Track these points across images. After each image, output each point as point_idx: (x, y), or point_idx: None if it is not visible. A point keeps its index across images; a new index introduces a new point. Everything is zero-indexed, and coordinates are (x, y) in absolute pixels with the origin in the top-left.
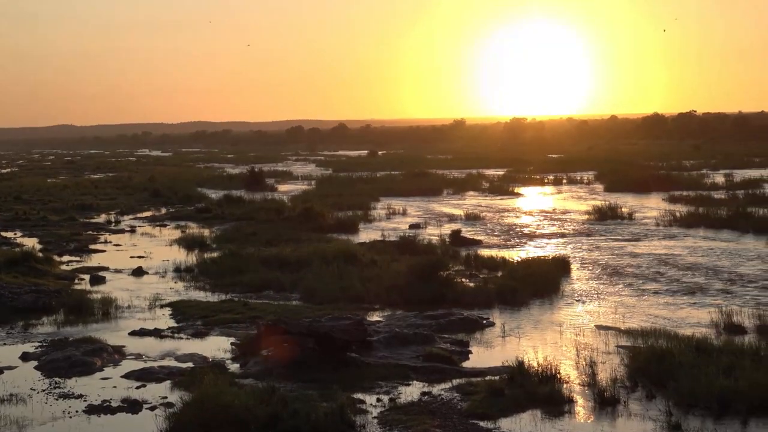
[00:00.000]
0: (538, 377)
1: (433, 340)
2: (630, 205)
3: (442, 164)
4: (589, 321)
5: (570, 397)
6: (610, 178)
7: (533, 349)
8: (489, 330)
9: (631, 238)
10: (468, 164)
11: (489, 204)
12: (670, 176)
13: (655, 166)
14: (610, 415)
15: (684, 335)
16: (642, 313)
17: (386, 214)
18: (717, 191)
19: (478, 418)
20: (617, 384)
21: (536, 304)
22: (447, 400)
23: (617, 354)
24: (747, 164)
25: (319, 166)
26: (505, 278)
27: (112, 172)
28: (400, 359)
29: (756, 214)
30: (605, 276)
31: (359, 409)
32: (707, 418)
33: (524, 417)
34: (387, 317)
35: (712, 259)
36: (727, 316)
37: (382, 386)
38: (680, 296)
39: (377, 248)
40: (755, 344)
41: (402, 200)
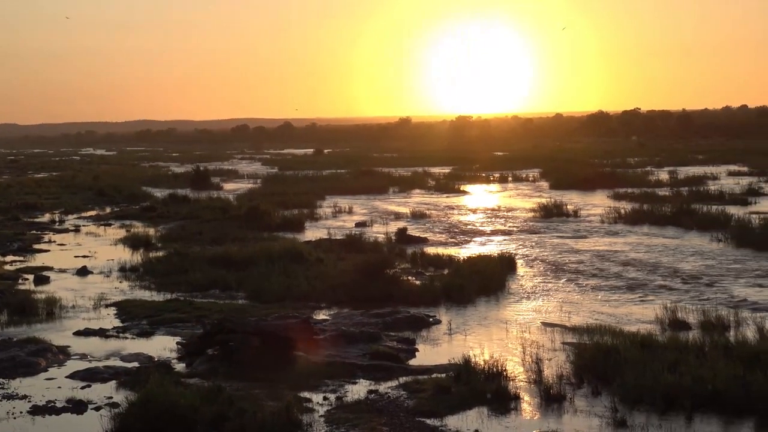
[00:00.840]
0: (484, 375)
1: (379, 338)
2: (575, 203)
3: (388, 162)
4: (534, 318)
5: (516, 394)
6: (555, 176)
7: (479, 346)
8: (435, 328)
9: (576, 235)
10: (414, 162)
11: (435, 202)
12: (615, 174)
13: (599, 163)
14: (556, 412)
15: (629, 332)
16: (587, 309)
17: (332, 213)
18: (661, 188)
19: (424, 416)
20: (563, 381)
21: (482, 302)
22: (394, 398)
23: (563, 351)
24: (691, 161)
25: (265, 164)
26: (452, 276)
27: (56, 172)
28: (346, 357)
29: (699, 211)
30: (550, 273)
31: (306, 407)
32: (652, 414)
33: (471, 414)
34: (333, 316)
35: (657, 255)
36: (672, 312)
37: (329, 385)
38: (625, 293)
39: (323, 247)
40: (699, 340)
41: (348, 198)
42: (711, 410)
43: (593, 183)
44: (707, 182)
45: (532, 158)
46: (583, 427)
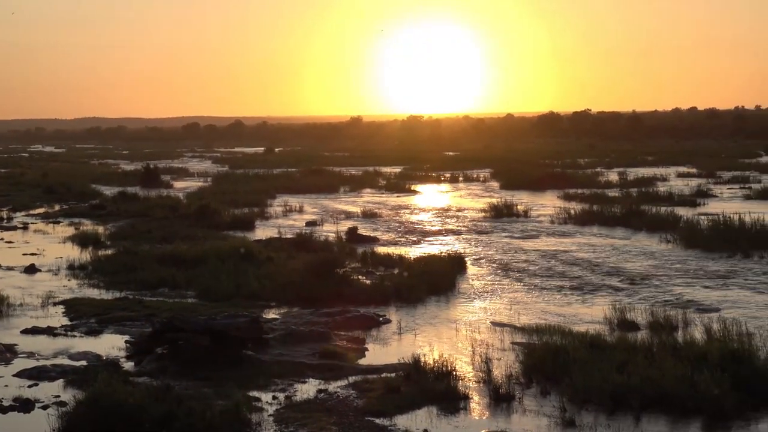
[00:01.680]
0: (433, 374)
1: (329, 337)
2: (525, 203)
3: (338, 161)
4: (484, 317)
5: (465, 394)
6: (505, 176)
7: (429, 346)
8: (385, 327)
9: (526, 235)
10: (365, 162)
11: (386, 201)
12: (565, 174)
13: (550, 164)
14: (505, 411)
15: (578, 332)
16: (536, 309)
17: (283, 212)
18: (611, 189)
19: (374, 415)
20: (512, 380)
21: (432, 301)
22: (343, 397)
23: (512, 350)
24: (640, 163)
25: (216, 162)
26: (402, 275)
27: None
28: (296, 357)
29: (649, 212)
30: (500, 273)
31: (255, 407)
32: (600, 414)
33: (420, 414)
34: (283, 315)
35: (606, 256)
36: (620, 312)
37: (278, 384)
38: (574, 293)
39: (274, 245)
40: (648, 340)
41: (299, 197)
42: (659, 410)
43: (543, 183)
44: (657, 183)
45: (482, 158)
46: (531, 427)
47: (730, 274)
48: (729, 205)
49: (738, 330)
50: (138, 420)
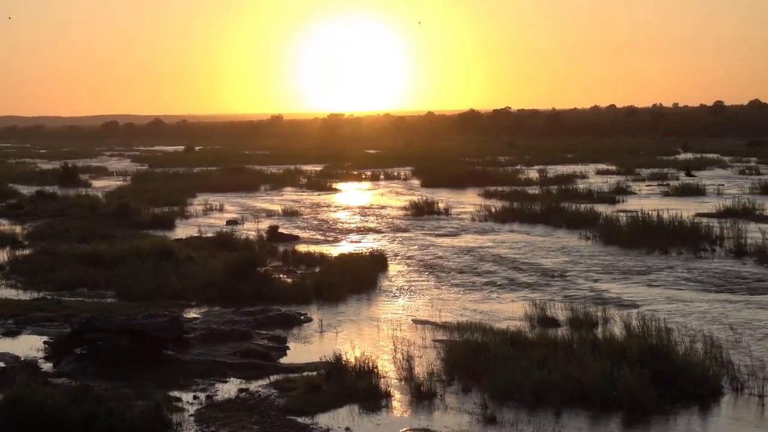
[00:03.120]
0: (355, 372)
1: (250, 336)
2: (446, 201)
3: (259, 160)
4: (406, 315)
5: (387, 392)
6: (426, 174)
7: (351, 344)
8: (307, 326)
9: (447, 233)
10: (285, 160)
11: (307, 200)
12: (486, 172)
13: (470, 161)
14: (426, 409)
15: (499, 328)
16: (458, 307)
17: (203, 210)
18: (531, 186)
19: (295, 414)
20: (434, 378)
21: (354, 300)
22: (264, 396)
23: (434, 348)
24: (560, 160)
25: (135, 161)
26: (323, 274)
27: None
28: (217, 356)
29: (568, 209)
30: (422, 271)
31: (176, 407)
32: (521, 410)
33: (342, 412)
34: (204, 314)
35: (526, 253)
36: (541, 309)
37: (199, 383)
38: (495, 290)
39: (194, 244)
40: (568, 337)
41: (219, 196)
42: (579, 406)
43: (464, 181)
44: (576, 181)
45: (403, 156)
46: (453, 424)
47: (649, 271)
48: (647, 202)
49: (657, 326)
50: (58, 421)
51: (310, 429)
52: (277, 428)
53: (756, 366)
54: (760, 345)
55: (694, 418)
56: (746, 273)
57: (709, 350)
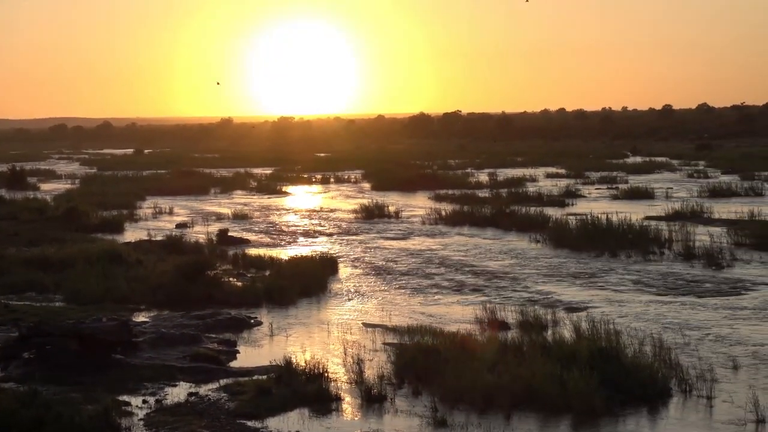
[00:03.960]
0: (305, 376)
1: (200, 340)
2: (396, 204)
3: (209, 163)
4: (356, 318)
5: (337, 395)
6: (377, 177)
7: (301, 347)
8: (257, 329)
9: (397, 236)
10: (235, 163)
11: (257, 203)
12: (436, 175)
13: (421, 165)
14: (377, 412)
15: (449, 331)
16: (408, 309)
17: (152, 214)
18: (481, 190)
19: (245, 418)
20: (384, 381)
21: (304, 303)
22: (214, 400)
23: (384, 351)
24: (510, 163)
25: (84, 164)
26: (273, 277)
27: None
28: (166, 360)
29: (518, 213)
30: (372, 274)
31: (125, 411)
32: (472, 413)
33: (292, 416)
34: (153, 318)
35: (476, 256)
36: (491, 312)
37: (149, 387)
38: (446, 293)
39: (143, 248)
40: (518, 339)
41: (169, 199)
42: (529, 408)
43: (414, 184)
44: (526, 184)
45: (354, 159)
46: (403, 427)
47: (599, 273)
48: (597, 205)
49: (606, 328)
50: (6, 426)
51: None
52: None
53: (704, 368)
54: (708, 347)
55: (643, 421)
56: (694, 276)
57: (658, 352)
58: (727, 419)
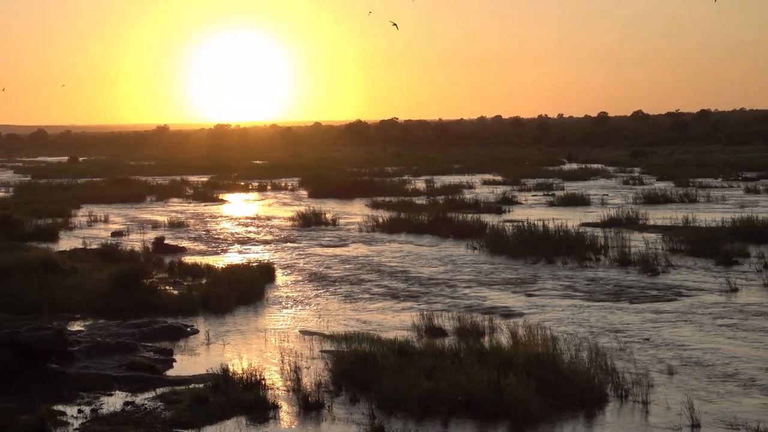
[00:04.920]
0: (242, 384)
1: (136, 348)
2: (334, 211)
3: (145, 170)
4: (293, 326)
5: (275, 403)
6: (313, 184)
7: (238, 356)
8: (193, 338)
9: (334, 243)
10: (172, 171)
11: (193, 211)
12: (373, 182)
13: (358, 172)
14: (314, 420)
15: (387, 339)
16: (345, 317)
17: (88, 222)
18: (418, 197)
19: (182, 427)
20: (321, 388)
21: (241, 311)
22: (150, 409)
23: (321, 359)
24: (447, 170)
25: (18, 172)
26: (210, 285)
27: None
28: (102, 369)
29: (455, 220)
30: (309, 281)
31: (60, 421)
32: (409, 420)
33: (229, 424)
34: (89, 327)
35: (414, 263)
36: (428, 319)
37: (84, 397)
38: (383, 300)
39: (79, 256)
40: (455, 346)
41: (104, 207)
42: (466, 415)
43: (351, 191)
44: (463, 191)
45: (291, 167)
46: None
47: (535, 280)
48: (533, 211)
49: (543, 334)
50: None
51: None
52: None
53: (640, 373)
54: (643, 352)
55: (580, 426)
56: (630, 282)
57: (594, 358)
58: (663, 424)
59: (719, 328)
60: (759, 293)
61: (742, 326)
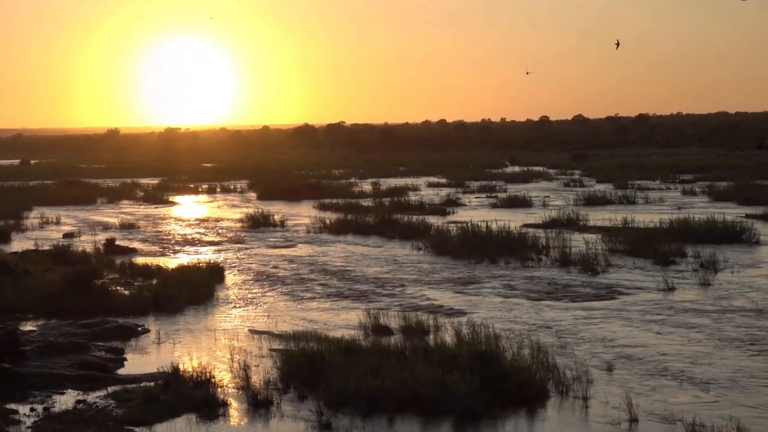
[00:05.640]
0: (193, 382)
1: (87, 348)
2: (282, 213)
3: (96, 173)
4: (242, 325)
5: (225, 401)
6: (262, 187)
7: (188, 354)
8: (144, 337)
9: (283, 244)
10: (122, 173)
11: (144, 213)
12: (321, 185)
13: (305, 174)
14: (263, 417)
15: (334, 337)
16: (293, 316)
17: (39, 224)
18: (365, 199)
19: (133, 424)
20: (270, 386)
21: (191, 311)
22: (102, 407)
23: (270, 357)
24: (393, 173)
25: None
26: (161, 285)
27: None
28: (54, 368)
29: (401, 221)
30: (258, 281)
31: (12, 419)
32: (356, 417)
33: (179, 421)
34: (41, 327)
35: (360, 264)
36: (374, 318)
37: (36, 396)
38: (330, 299)
39: (30, 258)
40: (401, 344)
41: (55, 209)
42: (412, 411)
43: (299, 193)
44: (408, 193)
45: (240, 169)
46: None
47: (478, 279)
48: (477, 213)
49: (486, 332)
50: None
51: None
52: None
53: (580, 369)
54: (583, 349)
55: (522, 422)
56: (571, 281)
57: (536, 355)
58: (602, 419)
59: (655, 325)
60: (694, 291)
61: (676, 322)
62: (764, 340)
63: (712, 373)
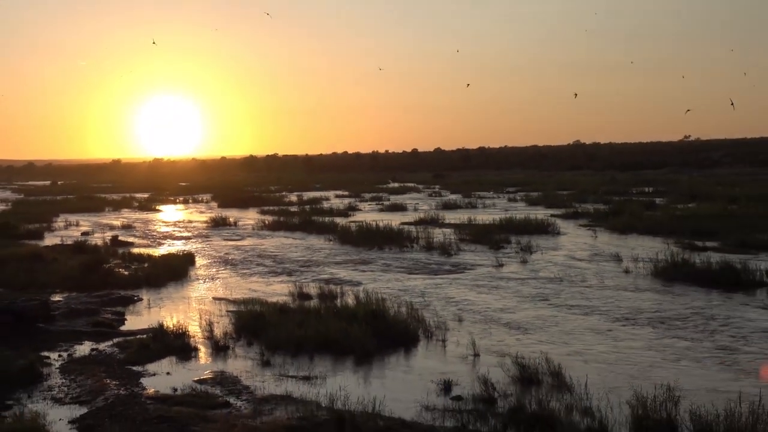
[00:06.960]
0: (173, 334)
1: (98, 312)
2: (235, 216)
3: (104, 190)
4: (208, 294)
5: (195, 347)
6: (221, 198)
7: (170, 315)
8: (139, 304)
9: (235, 238)
10: (123, 190)
11: (138, 217)
12: (261, 197)
13: (251, 190)
14: (222, 358)
15: (272, 302)
16: (245, 288)
17: (64, 226)
18: (292, 206)
19: (131, 365)
20: (227, 336)
21: (172, 285)
22: (109, 353)
23: (227, 316)
24: (311, 188)
25: (14, 192)
26: (150, 268)
27: None
28: (75, 327)
29: (317, 221)
30: (220, 264)
31: (46, 362)
32: (287, 356)
33: (164, 362)
34: (65, 298)
35: (290, 251)
36: (300, 288)
37: (62, 346)
38: (269, 276)
39: (58, 250)
40: (317, 306)
41: (76, 216)
42: (326, 352)
43: (247, 203)
44: (322, 202)
45: (205, 187)
46: (241, 367)
47: (371, 261)
48: (369, 215)
49: (376, 297)
50: None
51: (141, 374)
52: (118, 374)
53: (440, 321)
54: (442, 308)
55: (401, 358)
56: (433, 261)
57: (410, 312)
58: (455, 354)
59: (490, 290)
60: (516, 266)
61: (505, 288)
62: (556, 296)
63: (527, 322)
